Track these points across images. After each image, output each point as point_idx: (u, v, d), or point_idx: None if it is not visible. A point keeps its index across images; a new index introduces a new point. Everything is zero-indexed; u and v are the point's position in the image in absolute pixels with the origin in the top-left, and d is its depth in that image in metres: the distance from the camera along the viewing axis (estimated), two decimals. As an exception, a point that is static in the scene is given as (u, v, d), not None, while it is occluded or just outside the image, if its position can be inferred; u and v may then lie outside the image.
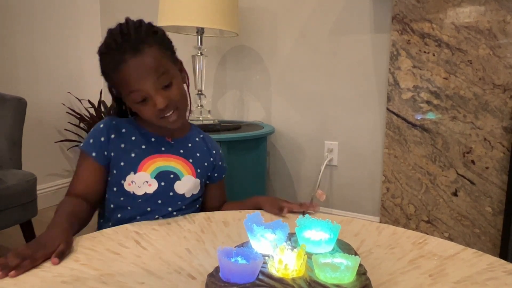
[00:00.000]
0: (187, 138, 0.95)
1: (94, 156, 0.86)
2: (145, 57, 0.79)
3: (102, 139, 0.86)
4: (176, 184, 0.89)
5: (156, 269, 0.62)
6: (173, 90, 0.83)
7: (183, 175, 0.90)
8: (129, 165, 0.86)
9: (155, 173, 0.87)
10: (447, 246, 0.71)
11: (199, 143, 0.97)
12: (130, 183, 0.85)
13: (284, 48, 2.04)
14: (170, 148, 0.90)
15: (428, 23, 1.59)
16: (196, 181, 0.92)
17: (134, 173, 0.85)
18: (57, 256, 0.62)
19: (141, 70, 0.79)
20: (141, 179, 0.86)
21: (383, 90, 1.81)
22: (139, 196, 0.86)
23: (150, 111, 0.82)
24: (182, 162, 0.90)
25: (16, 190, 1.44)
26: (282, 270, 0.54)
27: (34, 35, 2.16)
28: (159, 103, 0.80)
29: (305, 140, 2.04)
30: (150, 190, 0.86)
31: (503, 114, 1.51)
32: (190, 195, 0.91)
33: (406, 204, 1.73)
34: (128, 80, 0.79)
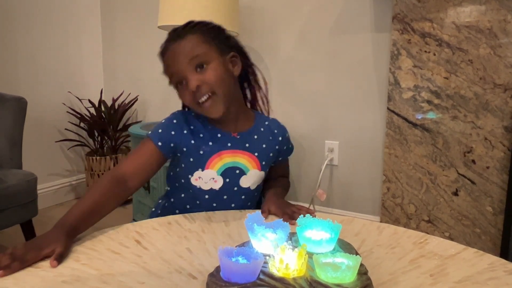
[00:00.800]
0: (252, 130, 0.96)
1: (159, 145, 0.87)
2: (183, 42, 0.85)
3: (173, 132, 0.89)
4: (241, 179, 0.92)
5: (157, 268, 0.62)
6: (208, 72, 0.84)
7: (249, 169, 0.93)
8: (197, 162, 0.89)
9: (222, 170, 0.90)
10: (447, 246, 0.71)
11: (264, 133, 0.98)
12: (197, 178, 0.90)
13: (284, 48, 2.04)
14: (236, 143, 0.92)
15: (429, 23, 1.59)
16: (261, 173, 0.95)
17: (202, 170, 0.89)
18: (55, 259, 0.62)
19: (176, 53, 0.84)
20: (208, 176, 0.89)
21: (383, 89, 1.81)
22: (206, 191, 0.90)
23: (186, 95, 0.86)
24: (248, 156, 0.93)
25: (17, 190, 1.44)
26: (283, 270, 0.54)
27: (35, 35, 2.16)
28: (191, 84, 0.83)
29: (306, 139, 2.04)
30: (216, 186, 0.90)
31: (504, 114, 1.51)
32: (255, 187, 0.95)
33: (407, 203, 1.73)
34: (167, 65, 0.86)
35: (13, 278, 0.58)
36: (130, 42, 2.45)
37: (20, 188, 1.45)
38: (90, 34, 2.49)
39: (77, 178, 2.45)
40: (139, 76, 2.45)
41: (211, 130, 0.91)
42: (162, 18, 1.70)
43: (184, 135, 0.89)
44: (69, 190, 2.40)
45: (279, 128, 1.02)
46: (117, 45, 2.51)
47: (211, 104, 0.85)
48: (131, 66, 2.49)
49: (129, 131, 1.87)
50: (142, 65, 2.42)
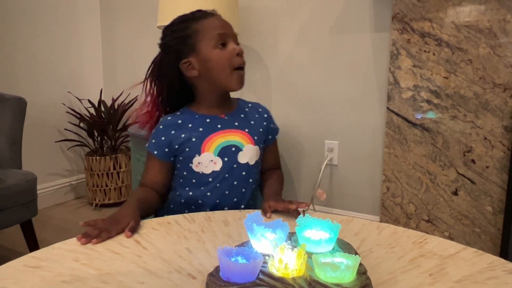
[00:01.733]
0: (237, 110, 1.03)
1: (156, 154, 0.96)
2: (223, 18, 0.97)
3: (163, 138, 0.95)
4: (239, 155, 0.96)
5: (157, 268, 0.62)
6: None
7: (243, 145, 0.97)
8: (193, 149, 0.94)
9: (218, 150, 0.94)
10: (447, 245, 0.71)
11: (250, 112, 1.05)
12: (198, 164, 0.94)
13: (284, 47, 2.04)
14: (225, 123, 0.98)
15: (428, 22, 1.59)
16: (256, 148, 0.99)
17: (199, 155, 0.94)
18: (129, 231, 0.72)
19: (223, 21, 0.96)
20: (206, 159, 0.94)
21: (383, 89, 1.81)
22: (208, 174, 0.94)
23: (226, 55, 0.92)
24: (240, 133, 0.97)
25: (16, 189, 1.44)
26: (282, 270, 0.54)
27: (34, 35, 2.16)
28: (239, 49, 0.92)
29: (305, 139, 2.04)
30: (217, 167, 0.94)
31: (504, 113, 1.51)
32: (254, 162, 0.98)
33: (406, 203, 1.73)
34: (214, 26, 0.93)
35: (13, 278, 0.58)
36: (129, 42, 2.45)
37: (20, 188, 1.45)
38: (89, 34, 2.49)
39: (77, 178, 2.45)
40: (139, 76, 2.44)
41: (198, 118, 0.97)
42: (162, 18, 1.70)
43: (172, 135, 0.95)
44: (69, 190, 2.40)
45: (262, 107, 1.10)
46: (117, 45, 2.51)
47: (243, 76, 0.96)
48: (130, 66, 2.49)
49: (128, 131, 1.87)
50: (141, 65, 2.42)
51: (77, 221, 2.05)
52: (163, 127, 0.97)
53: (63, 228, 1.98)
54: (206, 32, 0.93)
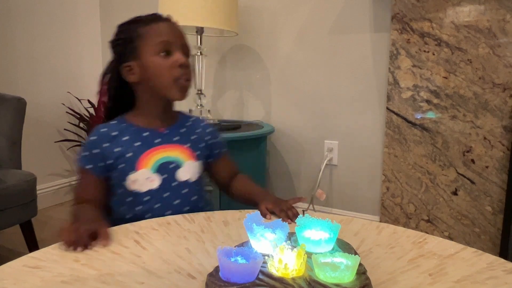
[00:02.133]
0: (178, 124, 0.95)
1: (90, 168, 0.87)
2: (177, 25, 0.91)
3: (96, 151, 0.87)
4: (178, 172, 0.89)
5: (156, 268, 0.62)
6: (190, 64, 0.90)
7: (183, 161, 0.90)
8: (128, 165, 0.86)
9: (155, 166, 0.87)
10: (447, 245, 0.71)
11: (191, 126, 0.98)
12: (133, 182, 0.86)
13: (283, 47, 2.04)
14: (164, 138, 0.90)
15: (428, 22, 1.59)
16: (198, 164, 0.93)
17: (135, 172, 0.86)
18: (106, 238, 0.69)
19: (173, 28, 0.90)
20: (142, 176, 0.86)
21: (383, 89, 1.81)
22: (144, 193, 0.87)
23: (169, 64, 0.86)
24: (180, 148, 0.91)
25: (16, 190, 1.44)
26: (282, 270, 0.54)
27: (34, 35, 2.16)
28: (182, 59, 0.86)
29: (305, 139, 2.04)
30: (154, 185, 0.87)
31: (503, 113, 1.51)
32: (195, 179, 0.92)
33: (406, 203, 1.73)
34: (160, 32, 0.87)
35: (12, 278, 0.57)
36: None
37: (19, 188, 1.45)
38: (89, 34, 2.49)
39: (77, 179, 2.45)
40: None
41: (135, 131, 0.89)
42: (161, 18, 1.70)
43: (105, 148, 0.87)
44: (68, 190, 2.40)
45: (204, 122, 1.03)
46: (117, 45, 2.51)
47: (186, 87, 0.89)
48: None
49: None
50: (141, 65, 2.42)
51: (76, 221, 2.05)
52: (96, 138, 0.88)
53: (63, 228, 1.97)
54: (150, 37, 0.87)
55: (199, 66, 1.81)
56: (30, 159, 2.02)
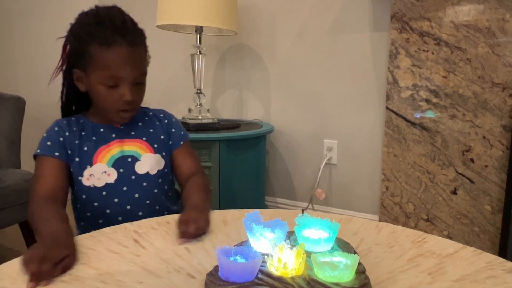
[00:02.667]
0: (135, 119, 0.94)
1: (57, 156, 0.84)
2: (138, 51, 0.84)
3: (61, 139, 0.86)
4: (136, 165, 0.89)
5: (155, 268, 0.62)
6: (141, 92, 0.88)
7: (141, 154, 0.90)
8: (84, 159, 0.86)
9: (112, 161, 0.87)
10: (446, 245, 0.71)
11: (149, 120, 0.97)
12: (89, 177, 0.85)
13: (283, 47, 2.04)
14: (120, 133, 0.91)
15: (427, 22, 1.59)
16: (156, 156, 0.92)
17: (91, 166, 0.86)
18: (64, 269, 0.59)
19: (131, 60, 0.82)
20: (99, 171, 0.86)
21: (382, 88, 1.81)
22: (101, 188, 0.85)
23: (113, 98, 0.83)
24: (137, 142, 0.91)
25: (15, 189, 1.44)
26: (281, 269, 0.54)
27: (33, 34, 2.15)
28: (128, 95, 0.82)
29: (304, 138, 2.04)
30: (111, 179, 0.86)
31: (502, 113, 1.51)
32: (155, 172, 0.90)
33: (405, 202, 1.73)
34: (113, 61, 0.80)
35: (11, 278, 0.57)
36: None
37: (18, 188, 1.45)
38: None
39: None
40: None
41: (92, 126, 0.90)
42: (161, 18, 1.70)
43: (67, 137, 0.87)
44: (68, 190, 2.39)
45: (165, 113, 1.00)
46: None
47: (128, 117, 0.88)
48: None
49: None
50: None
51: (76, 220, 2.05)
52: (58, 129, 0.88)
53: (62, 228, 1.97)
54: (99, 66, 0.81)
55: (198, 65, 1.81)
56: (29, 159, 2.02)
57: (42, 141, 0.87)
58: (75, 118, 0.92)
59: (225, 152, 1.64)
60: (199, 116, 1.83)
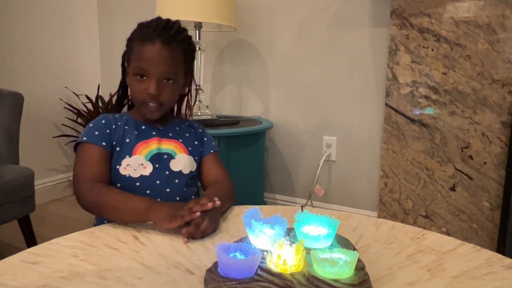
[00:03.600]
0: (173, 124, 1.02)
1: (103, 145, 0.89)
2: (169, 49, 0.90)
3: (108, 131, 0.91)
4: (171, 162, 0.93)
5: (155, 264, 0.62)
6: (168, 90, 0.91)
7: (176, 153, 0.95)
8: (124, 150, 0.91)
9: (149, 156, 0.92)
10: (445, 241, 0.71)
11: (185, 128, 1.03)
12: (126, 166, 0.90)
13: (282, 43, 2.03)
14: (160, 132, 0.96)
15: (427, 18, 1.59)
16: (190, 158, 0.96)
17: (130, 157, 0.90)
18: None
19: (160, 56, 0.89)
20: (136, 162, 0.90)
21: (381, 85, 1.81)
22: (136, 178, 0.89)
23: (140, 89, 0.90)
24: (174, 142, 0.96)
25: (14, 185, 1.43)
26: (280, 266, 0.54)
27: (31, 30, 2.14)
28: (152, 89, 0.88)
29: (304, 135, 2.04)
30: (146, 172, 0.90)
31: (502, 109, 1.51)
32: (188, 172, 0.95)
33: (404, 199, 1.73)
34: (142, 56, 0.89)
35: (10, 274, 0.57)
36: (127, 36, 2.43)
37: (17, 184, 1.44)
38: (87, 29, 2.47)
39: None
40: (137, 71, 2.43)
41: (135, 123, 0.96)
42: (160, 13, 1.69)
43: (113, 130, 0.93)
44: (66, 186, 2.39)
45: (199, 126, 1.07)
46: (114, 40, 2.49)
47: (155, 111, 0.93)
48: (128, 61, 2.47)
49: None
50: (139, 60, 2.41)
51: (75, 217, 2.05)
52: (105, 121, 0.93)
53: (61, 224, 1.97)
54: (134, 58, 0.91)
55: (198, 61, 1.80)
56: (28, 155, 2.02)
57: (88, 130, 0.92)
58: (119, 115, 0.98)
59: (224, 148, 1.64)
60: (198, 113, 1.82)
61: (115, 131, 0.92)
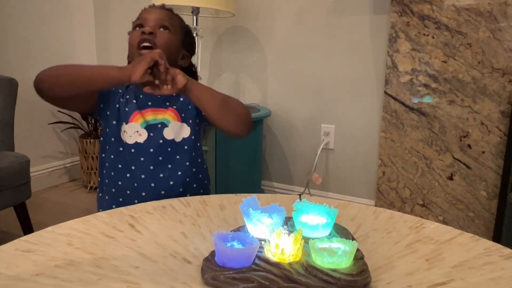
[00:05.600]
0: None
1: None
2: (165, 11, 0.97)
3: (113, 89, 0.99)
4: (164, 131, 0.96)
5: (151, 253, 0.61)
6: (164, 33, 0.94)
7: (170, 121, 0.97)
8: (123, 116, 0.96)
9: (144, 124, 0.96)
10: (443, 231, 0.71)
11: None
12: (123, 133, 0.95)
13: (281, 29, 2.00)
14: (156, 102, 0.98)
15: (428, 5, 1.57)
16: (183, 125, 0.98)
17: (126, 123, 0.95)
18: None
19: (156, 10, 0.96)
20: (132, 129, 0.94)
21: (381, 73, 1.79)
22: (131, 145, 0.94)
23: (136, 34, 0.93)
24: (169, 111, 0.98)
25: (9, 172, 1.42)
26: (278, 255, 0.53)
27: (26, 15, 2.10)
28: (146, 29, 0.92)
29: (302, 123, 2.03)
30: (141, 139, 0.95)
31: (501, 98, 1.50)
32: (180, 139, 0.98)
33: (402, 187, 1.73)
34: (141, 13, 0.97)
35: (4, 263, 0.57)
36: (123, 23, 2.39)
37: (12, 171, 1.43)
38: (82, 14, 2.43)
39: (71, 161, 2.43)
40: (133, 58, 2.40)
41: (135, 92, 0.99)
42: (156, -2, 1.66)
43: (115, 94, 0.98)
44: (63, 173, 2.38)
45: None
46: (110, 25, 2.45)
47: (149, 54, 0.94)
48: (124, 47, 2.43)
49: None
50: (136, 46, 2.37)
51: (71, 203, 2.04)
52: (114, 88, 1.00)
53: (58, 211, 1.97)
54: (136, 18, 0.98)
55: (195, 47, 1.77)
56: (23, 141, 2.00)
57: None
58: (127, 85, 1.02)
59: (222, 136, 1.63)
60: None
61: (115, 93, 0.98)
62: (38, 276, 0.54)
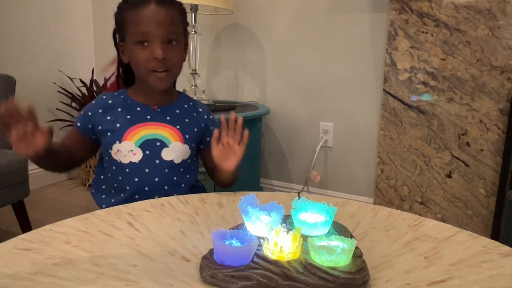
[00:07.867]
0: (174, 105, 0.97)
1: (78, 126, 0.92)
2: (166, 10, 0.86)
3: (90, 113, 0.92)
4: (163, 151, 0.91)
5: (150, 251, 0.61)
6: (174, 52, 0.88)
7: (170, 141, 0.92)
8: (115, 135, 0.89)
9: (140, 142, 0.90)
10: (442, 228, 0.71)
11: (188, 109, 0.98)
12: (116, 152, 0.89)
13: (280, 27, 2.00)
14: (156, 116, 0.93)
15: (427, 2, 1.56)
16: (185, 147, 0.93)
17: (120, 142, 0.89)
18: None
19: (158, 16, 0.85)
20: (126, 148, 0.89)
21: (379, 70, 1.79)
22: (125, 165, 0.89)
23: (144, 56, 0.86)
24: (169, 129, 0.92)
25: (7, 170, 1.42)
26: (277, 253, 0.53)
27: (24, 11, 2.09)
28: (158, 52, 0.84)
29: (300, 121, 2.03)
30: (135, 159, 0.89)
31: (500, 96, 1.50)
32: (179, 161, 0.93)
33: (400, 185, 1.73)
34: (141, 20, 0.85)
35: (2, 261, 0.56)
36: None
37: (11, 168, 1.43)
38: (81, 11, 2.42)
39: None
40: (132, 55, 2.40)
41: (130, 104, 0.93)
42: (154, -5, 1.65)
43: (98, 114, 0.92)
44: (61, 171, 2.38)
45: (204, 109, 1.02)
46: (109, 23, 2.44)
47: (164, 78, 0.89)
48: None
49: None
50: (134, 43, 2.37)
51: (70, 201, 2.04)
52: (95, 102, 0.94)
53: (56, 209, 1.97)
54: (132, 25, 0.86)
55: (193, 45, 1.77)
56: (22, 139, 1.99)
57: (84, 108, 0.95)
58: (119, 93, 0.96)
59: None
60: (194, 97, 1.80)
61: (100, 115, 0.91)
62: (36, 274, 0.53)
